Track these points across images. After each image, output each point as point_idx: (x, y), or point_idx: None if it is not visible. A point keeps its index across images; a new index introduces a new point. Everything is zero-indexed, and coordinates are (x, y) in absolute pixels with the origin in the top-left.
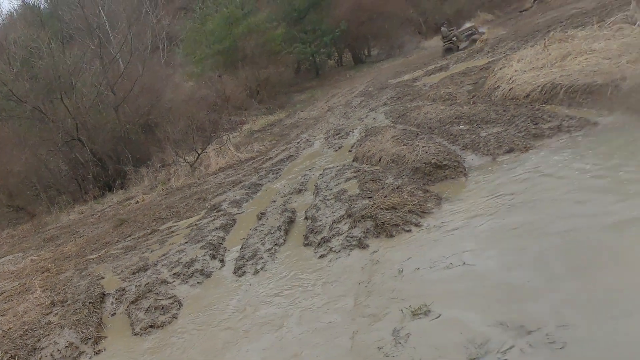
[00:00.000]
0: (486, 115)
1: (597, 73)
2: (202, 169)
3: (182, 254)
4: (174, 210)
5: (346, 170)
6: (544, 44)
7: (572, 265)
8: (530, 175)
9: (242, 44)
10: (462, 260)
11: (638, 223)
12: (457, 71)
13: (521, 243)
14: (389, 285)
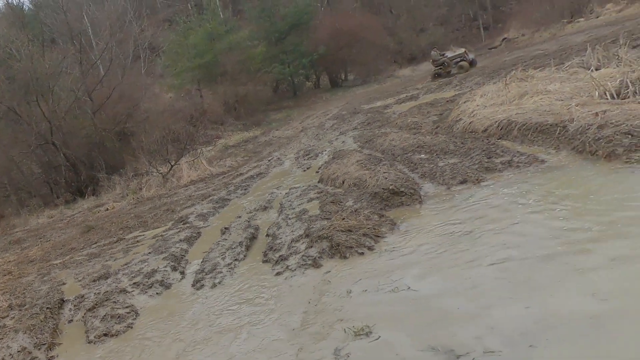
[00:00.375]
0: (445, 146)
1: (549, 113)
2: (174, 180)
3: (144, 264)
4: (142, 220)
5: (311, 191)
6: (505, 81)
7: (503, 295)
8: (478, 207)
9: (222, 59)
10: (407, 284)
11: (565, 257)
12: (426, 101)
13: (461, 271)
14: (337, 305)
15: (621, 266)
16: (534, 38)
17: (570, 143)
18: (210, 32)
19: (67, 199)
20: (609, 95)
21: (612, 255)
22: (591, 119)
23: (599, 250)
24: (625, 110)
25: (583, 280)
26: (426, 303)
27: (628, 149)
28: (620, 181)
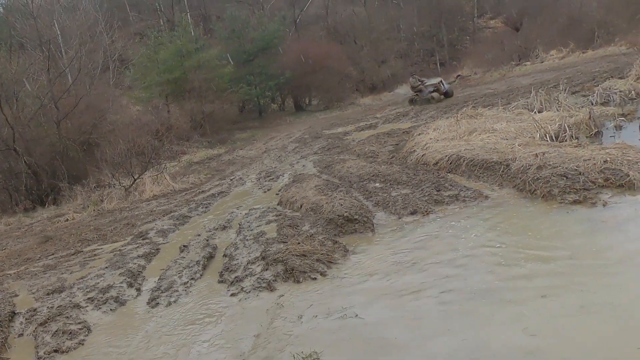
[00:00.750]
0: (399, 176)
1: (494, 151)
2: (137, 194)
3: (100, 279)
4: (102, 233)
5: (270, 213)
6: (457, 117)
7: (441, 326)
8: (426, 238)
9: (191, 76)
10: (355, 312)
11: (501, 292)
12: (384, 131)
13: (406, 301)
14: (288, 329)
15: (550, 303)
16: (485, 77)
17: (512, 181)
18: (180, 48)
19: (26, 207)
20: (549, 137)
21: (543, 292)
22: (531, 160)
23: (531, 286)
24: (562, 153)
25: (515, 315)
26: (371, 331)
27: (563, 191)
28: (556, 221)
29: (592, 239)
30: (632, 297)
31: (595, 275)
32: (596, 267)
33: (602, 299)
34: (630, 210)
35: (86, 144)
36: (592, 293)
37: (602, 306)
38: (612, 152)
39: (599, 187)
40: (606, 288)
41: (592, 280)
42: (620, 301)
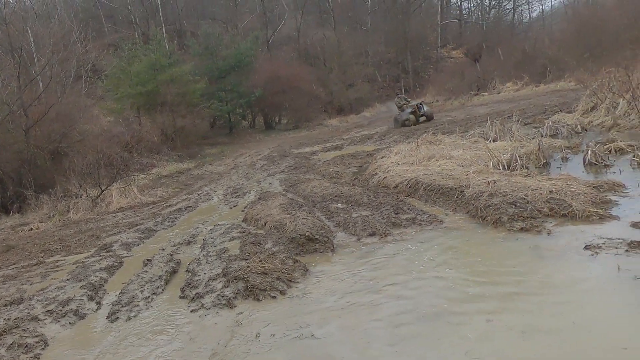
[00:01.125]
0: (360, 198)
1: (450, 177)
2: (104, 205)
3: (60, 291)
4: (66, 244)
5: (234, 230)
6: (417, 143)
7: (387, 349)
8: (382, 260)
9: (164, 90)
10: (311, 332)
11: (448, 316)
12: (349, 152)
13: (359, 322)
14: (245, 348)
15: (494, 327)
16: (446, 105)
17: (466, 207)
18: (154, 62)
19: None
20: (501, 166)
21: (488, 316)
22: (484, 187)
23: (478, 310)
24: (512, 182)
25: (460, 339)
26: (325, 351)
27: (511, 218)
28: (504, 247)
29: (537, 265)
30: (571, 323)
31: (539, 301)
32: (540, 293)
33: (544, 324)
34: (571, 239)
35: (55, 152)
36: (535, 318)
37: (544, 332)
38: (557, 183)
39: (545, 216)
40: (548, 314)
41: (535, 305)
42: (560, 327)
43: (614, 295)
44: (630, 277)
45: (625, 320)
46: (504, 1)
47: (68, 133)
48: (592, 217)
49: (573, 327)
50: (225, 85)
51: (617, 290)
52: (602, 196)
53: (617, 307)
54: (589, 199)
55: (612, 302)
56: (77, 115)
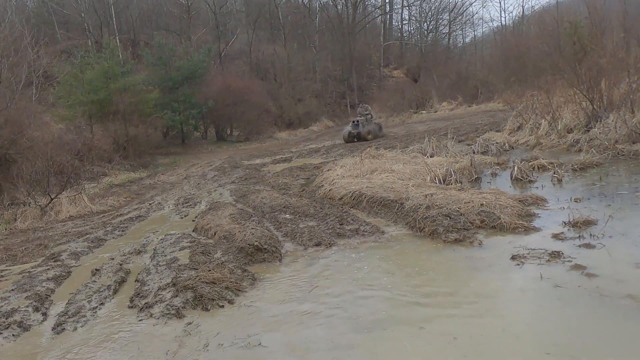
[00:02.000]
0: (307, 209)
1: (391, 190)
2: (52, 214)
3: (4, 302)
4: (11, 253)
5: (184, 239)
6: (361, 157)
7: (327, 353)
8: (326, 269)
9: (116, 98)
10: (259, 340)
11: (386, 324)
12: (297, 165)
13: (300, 330)
14: (193, 357)
15: (427, 334)
16: (388, 121)
17: (405, 218)
18: (107, 70)
19: None
20: (437, 180)
21: (422, 324)
22: (422, 200)
23: (413, 318)
24: (447, 195)
25: (396, 346)
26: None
27: (447, 229)
28: (439, 257)
29: (470, 275)
30: (500, 330)
31: (470, 309)
32: (471, 301)
33: (475, 331)
34: (500, 249)
35: (2, 159)
36: (467, 325)
37: (474, 338)
38: (487, 196)
39: (477, 228)
40: (478, 321)
41: (467, 313)
42: (490, 333)
43: (538, 302)
44: (552, 285)
45: (549, 326)
46: (441, 26)
47: (17, 139)
48: (518, 229)
49: (501, 333)
50: (178, 96)
51: (540, 297)
52: (527, 209)
53: (540, 314)
54: (515, 211)
55: (536, 309)
56: (27, 122)
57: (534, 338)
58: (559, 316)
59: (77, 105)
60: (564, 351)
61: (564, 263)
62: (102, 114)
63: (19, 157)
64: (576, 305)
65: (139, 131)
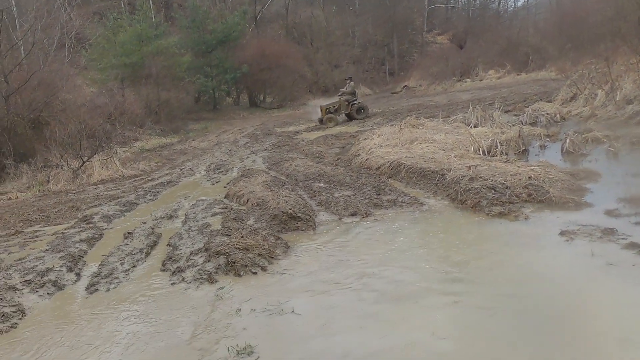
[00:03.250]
0: (343, 178)
1: (432, 160)
2: (84, 177)
3: (39, 262)
4: (45, 214)
5: (216, 205)
6: (400, 126)
7: (356, 322)
8: (362, 239)
9: (149, 62)
10: (292, 307)
11: (417, 296)
12: (332, 133)
13: (332, 298)
14: (225, 322)
15: (462, 309)
16: (429, 90)
17: (446, 190)
18: (139, 33)
19: None
20: (482, 151)
21: (456, 299)
22: (465, 171)
23: (448, 292)
24: (492, 167)
25: (427, 319)
26: (306, 328)
27: (490, 203)
28: (481, 231)
29: (513, 250)
30: (541, 308)
31: (512, 285)
32: (513, 277)
33: (516, 307)
34: (547, 224)
35: (36, 121)
36: (505, 301)
37: (514, 315)
38: (536, 169)
39: (523, 201)
40: (520, 297)
41: (507, 289)
42: (530, 310)
43: (587, 280)
44: (604, 263)
45: (597, 306)
46: None
47: (50, 102)
48: (568, 204)
49: (545, 311)
50: (212, 60)
51: (590, 275)
52: (578, 184)
53: (589, 292)
54: (565, 186)
55: (585, 287)
56: (59, 84)
57: (580, 318)
58: (610, 296)
59: (109, 68)
60: (618, 334)
61: (617, 241)
62: (134, 78)
63: (51, 120)
64: (631, 284)
65: (171, 96)
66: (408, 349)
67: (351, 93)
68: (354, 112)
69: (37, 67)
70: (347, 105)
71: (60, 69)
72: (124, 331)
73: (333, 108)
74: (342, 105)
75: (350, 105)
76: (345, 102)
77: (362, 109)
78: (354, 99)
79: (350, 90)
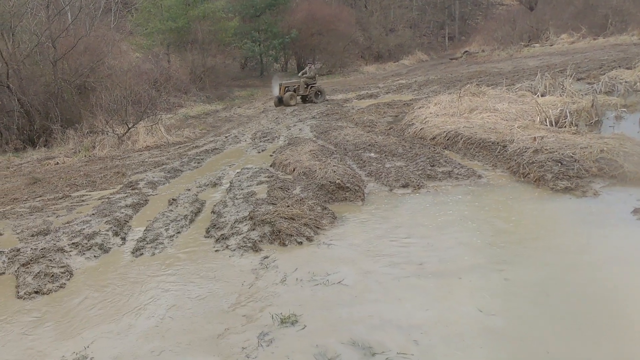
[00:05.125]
0: (395, 148)
1: (493, 131)
2: (129, 143)
3: (86, 225)
4: (91, 179)
5: (261, 174)
6: (459, 94)
7: (401, 294)
8: (414, 212)
9: (195, 27)
10: (339, 279)
11: (467, 272)
12: (384, 101)
13: (380, 271)
14: (270, 290)
15: (513, 288)
16: (493, 55)
17: (507, 163)
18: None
19: (16, 147)
20: (549, 122)
21: (507, 276)
22: (529, 143)
23: (499, 269)
24: (560, 138)
25: (474, 294)
26: (350, 297)
27: (556, 176)
28: (543, 207)
29: (578, 228)
30: (604, 292)
31: (571, 266)
32: (574, 257)
33: (573, 290)
34: (619, 201)
35: (82, 87)
36: (564, 284)
37: (571, 297)
38: (609, 142)
39: (592, 176)
40: (581, 279)
41: (566, 270)
42: (591, 295)
43: None
44: None
45: None
46: None
47: (96, 67)
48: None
49: (607, 297)
50: (260, 25)
51: None
52: None
53: None
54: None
55: None
56: (105, 50)
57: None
58: None
59: (155, 33)
60: None
61: None
62: (179, 43)
63: (97, 86)
64: None
65: (217, 61)
66: (456, 322)
67: (311, 77)
68: (312, 95)
69: (83, 33)
70: (305, 87)
71: (106, 34)
72: (167, 294)
73: (292, 88)
74: (300, 86)
75: (309, 87)
76: (304, 84)
77: (320, 92)
78: (312, 82)
79: (312, 74)
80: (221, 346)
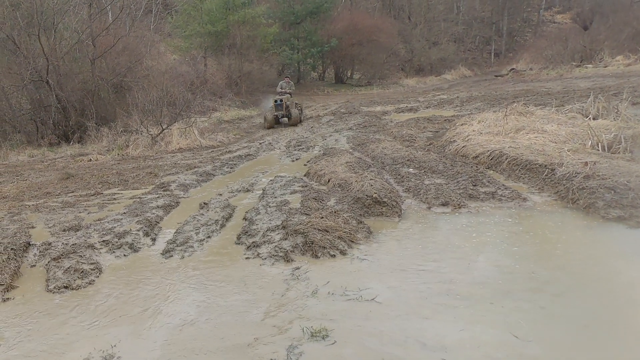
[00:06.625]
0: (435, 165)
1: (540, 153)
2: (163, 144)
3: (117, 224)
4: (123, 178)
5: (295, 183)
6: (505, 112)
7: (434, 314)
8: (453, 233)
9: (234, 31)
10: (372, 295)
11: (503, 299)
12: (424, 116)
13: (416, 289)
14: (301, 302)
15: (549, 317)
16: (541, 74)
17: (555, 187)
18: (227, 0)
19: (51, 142)
20: (601, 147)
21: (544, 305)
22: (580, 168)
23: (535, 298)
24: (614, 165)
25: (508, 321)
26: (385, 317)
27: (608, 204)
28: (593, 236)
29: (628, 261)
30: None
31: (616, 301)
32: (621, 293)
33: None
34: None
35: (118, 86)
36: (606, 318)
37: (613, 334)
38: None
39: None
40: (623, 317)
41: (608, 304)
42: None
43: None
44: None
45: None
46: None
47: (133, 67)
48: None
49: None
50: (299, 32)
51: None
52: None
53: None
54: None
55: None
56: (143, 50)
57: None
58: None
59: (193, 36)
60: None
61: None
62: (217, 47)
63: (134, 85)
64: None
65: (254, 67)
66: (492, 346)
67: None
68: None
69: (123, 32)
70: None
71: (145, 35)
72: (196, 299)
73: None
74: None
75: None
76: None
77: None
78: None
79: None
80: (250, 355)
